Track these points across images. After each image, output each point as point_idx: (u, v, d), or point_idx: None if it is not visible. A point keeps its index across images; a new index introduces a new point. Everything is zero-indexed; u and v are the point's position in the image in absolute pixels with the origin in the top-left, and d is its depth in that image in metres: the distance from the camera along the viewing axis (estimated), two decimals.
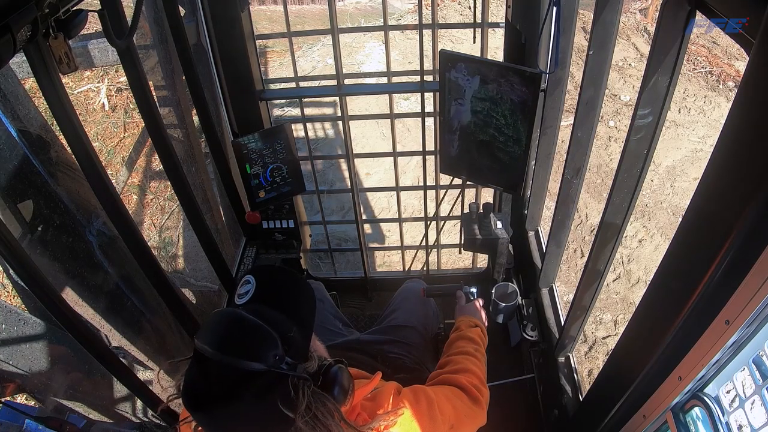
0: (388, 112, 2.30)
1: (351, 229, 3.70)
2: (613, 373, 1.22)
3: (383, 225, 4.04)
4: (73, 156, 1.26)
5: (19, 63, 1.55)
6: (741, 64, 5.60)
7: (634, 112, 1.06)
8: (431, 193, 2.45)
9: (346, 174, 3.64)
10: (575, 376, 1.75)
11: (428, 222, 2.55)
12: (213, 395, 0.74)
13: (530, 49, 1.74)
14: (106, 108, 4.53)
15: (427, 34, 2.07)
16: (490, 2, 1.96)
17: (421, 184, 2.41)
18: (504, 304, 1.86)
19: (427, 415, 0.99)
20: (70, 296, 1.40)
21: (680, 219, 0.84)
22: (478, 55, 1.91)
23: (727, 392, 0.87)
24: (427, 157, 2.32)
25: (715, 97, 5.32)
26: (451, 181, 2.26)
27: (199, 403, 0.75)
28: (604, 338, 3.37)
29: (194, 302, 2.48)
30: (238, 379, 0.73)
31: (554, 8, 1.44)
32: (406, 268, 2.87)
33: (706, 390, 0.89)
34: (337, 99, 2.17)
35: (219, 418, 0.74)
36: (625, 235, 1.29)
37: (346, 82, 2.12)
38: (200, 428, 0.81)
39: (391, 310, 1.76)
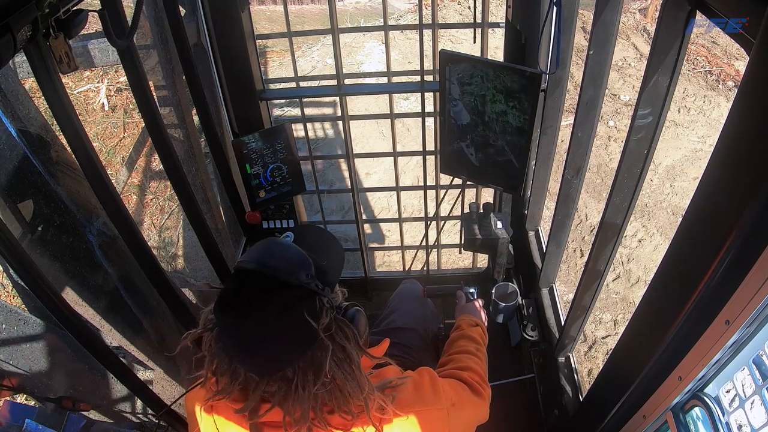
0: (388, 112, 2.30)
1: (351, 229, 3.70)
2: (613, 373, 1.22)
3: (383, 225, 4.04)
4: (73, 156, 1.26)
5: (19, 63, 1.55)
6: (740, 64, 5.60)
7: (634, 112, 1.06)
8: (431, 193, 2.45)
9: (346, 174, 3.64)
10: (575, 376, 1.75)
11: (428, 222, 2.55)
12: (246, 300, 0.79)
13: (530, 49, 1.74)
14: (106, 108, 4.53)
15: (427, 34, 2.07)
16: (490, 2, 1.96)
17: (421, 184, 2.41)
18: (504, 304, 1.86)
19: (430, 388, 1.00)
20: (70, 296, 1.40)
21: (680, 219, 0.84)
22: (478, 55, 1.91)
23: (727, 392, 0.87)
24: (427, 157, 2.32)
25: (715, 97, 5.32)
26: (451, 181, 2.26)
27: (231, 306, 0.80)
28: (603, 338, 3.37)
29: (194, 302, 2.48)
30: (271, 287, 0.80)
31: (554, 8, 1.44)
32: (406, 268, 2.87)
33: (706, 390, 0.89)
34: (337, 99, 2.17)
35: (248, 321, 0.79)
36: (624, 234, 1.29)
37: (346, 82, 2.12)
38: (215, 363, 0.84)
39: (389, 311, 1.75)
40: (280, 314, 0.79)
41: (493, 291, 1.88)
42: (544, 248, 1.98)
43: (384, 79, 2.24)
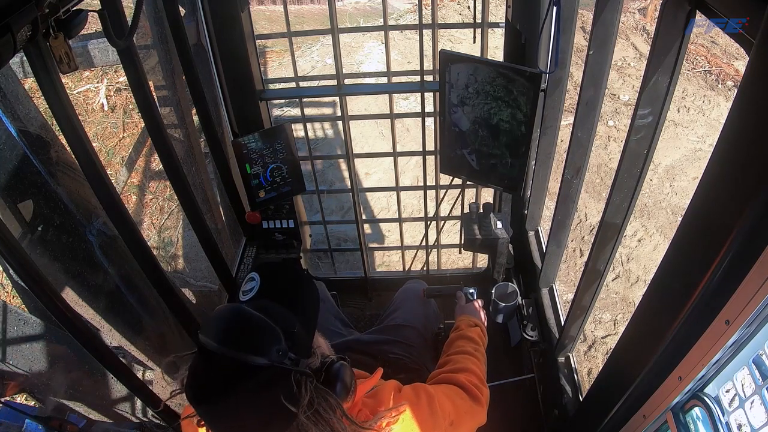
0: (388, 112, 2.30)
1: (351, 229, 3.70)
2: (613, 373, 1.22)
3: (383, 225, 4.04)
4: (73, 156, 1.26)
5: (19, 63, 1.55)
6: (740, 64, 5.60)
7: (634, 112, 1.06)
8: (431, 193, 2.45)
9: (346, 174, 3.64)
10: (575, 376, 1.75)
11: (428, 222, 2.55)
12: (216, 389, 0.74)
13: (530, 49, 1.74)
14: (106, 108, 4.53)
15: (427, 34, 2.08)
16: (490, 2, 1.96)
17: (421, 183, 2.42)
18: (504, 304, 1.86)
19: (427, 411, 1.00)
20: (70, 296, 1.40)
21: (679, 218, 0.84)
22: (478, 55, 1.91)
23: (727, 392, 0.87)
24: (426, 157, 2.32)
25: (714, 97, 5.32)
26: (451, 181, 2.27)
27: (203, 397, 0.75)
28: (603, 338, 3.37)
29: (194, 302, 2.48)
30: (241, 373, 0.73)
31: (554, 8, 1.44)
32: (406, 268, 2.87)
33: (706, 390, 0.89)
34: (336, 99, 2.17)
35: (222, 412, 0.74)
36: (624, 234, 1.29)
37: (346, 82, 2.12)
38: (203, 422, 0.82)
39: (392, 309, 1.76)
40: (253, 401, 0.75)
41: (492, 291, 1.88)
42: (544, 248, 1.98)
43: (384, 79, 2.24)
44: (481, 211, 1.90)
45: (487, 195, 2.58)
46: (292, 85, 2.32)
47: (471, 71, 1.64)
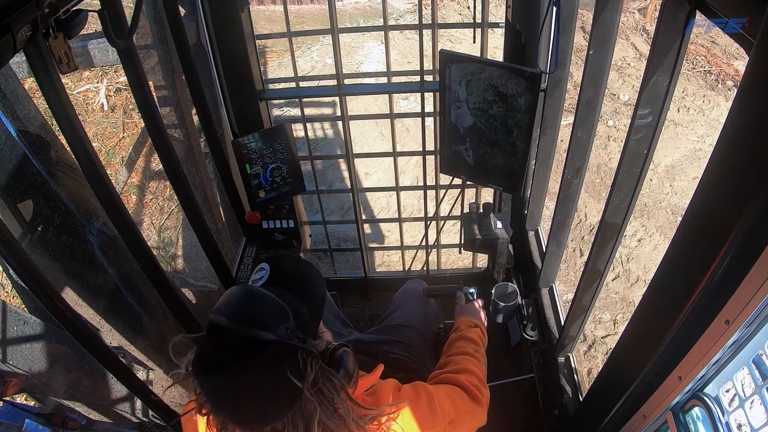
0: (388, 112, 2.30)
1: (351, 229, 3.70)
2: (613, 373, 1.23)
3: (383, 225, 4.04)
4: (73, 156, 1.26)
5: (19, 63, 1.55)
6: (740, 63, 5.60)
7: (634, 112, 1.06)
8: (431, 193, 2.45)
9: (346, 174, 3.64)
10: (575, 376, 1.75)
11: (428, 222, 2.55)
12: (225, 362, 0.76)
13: (530, 49, 1.74)
14: (105, 108, 4.52)
15: (427, 34, 2.08)
16: (489, 2, 1.96)
17: (421, 183, 2.42)
18: (504, 304, 1.86)
19: (427, 409, 1.00)
20: (70, 296, 1.40)
21: (679, 218, 0.84)
22: (478, 55, 1.91)
23: (727, 392, 0.87)
24: (426, 157, 2.32)
25: (714, 97, 5.32)
26: (451, 181, 2.27)
27: (211, 370, 0.77)
28: (603, 337, 3.37)
29: (194, 302, 2.48)
30: (250, 347, 0.76)
31: (554, 8, 1.44)
32: (406, 268, 2.87)
33: (706, 390, 0.89)
34: (336, 99, 2.17)
35: (229, 385, 0.76)
36: (624, 234, 1.29)
37: (346, 82, 2.12)
38: (204, 410, 0.83)
39: (392, 309, 1.76)
40: (261, 376, 0.77)
41: (492, 291, 1.88)
42: (544, 248, 1.98)
43: (384, 79, 2.24)
44: (481, 211, 1.90)
45: (487, 195, 2.58)
46: (292, 85, 2.32)
47: (471, 71, 1.64)
